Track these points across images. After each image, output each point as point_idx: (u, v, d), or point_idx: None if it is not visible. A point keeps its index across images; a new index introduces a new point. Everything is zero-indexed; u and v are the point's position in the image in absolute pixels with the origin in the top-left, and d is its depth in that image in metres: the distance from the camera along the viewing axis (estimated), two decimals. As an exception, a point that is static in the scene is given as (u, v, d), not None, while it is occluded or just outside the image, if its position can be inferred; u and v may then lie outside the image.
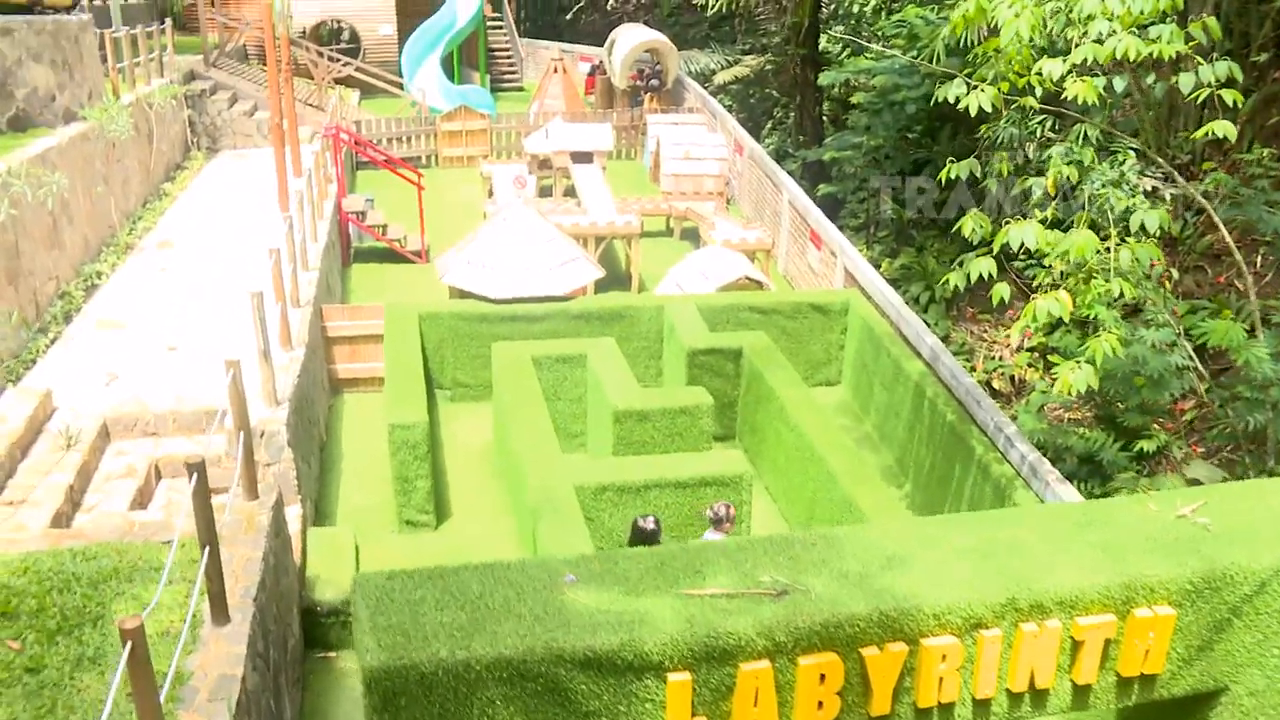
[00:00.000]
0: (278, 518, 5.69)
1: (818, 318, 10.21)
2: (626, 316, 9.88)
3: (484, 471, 8.74)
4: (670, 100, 18.75)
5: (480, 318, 9.62)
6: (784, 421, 8.23)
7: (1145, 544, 4.63)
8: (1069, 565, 4.53)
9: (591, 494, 6.97)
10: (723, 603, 4.23)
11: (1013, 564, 4.57)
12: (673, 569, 4.49)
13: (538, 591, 4.29)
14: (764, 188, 14.45)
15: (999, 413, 7.90)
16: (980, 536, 4.82)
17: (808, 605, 4.22)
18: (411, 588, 4.28)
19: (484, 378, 9.80)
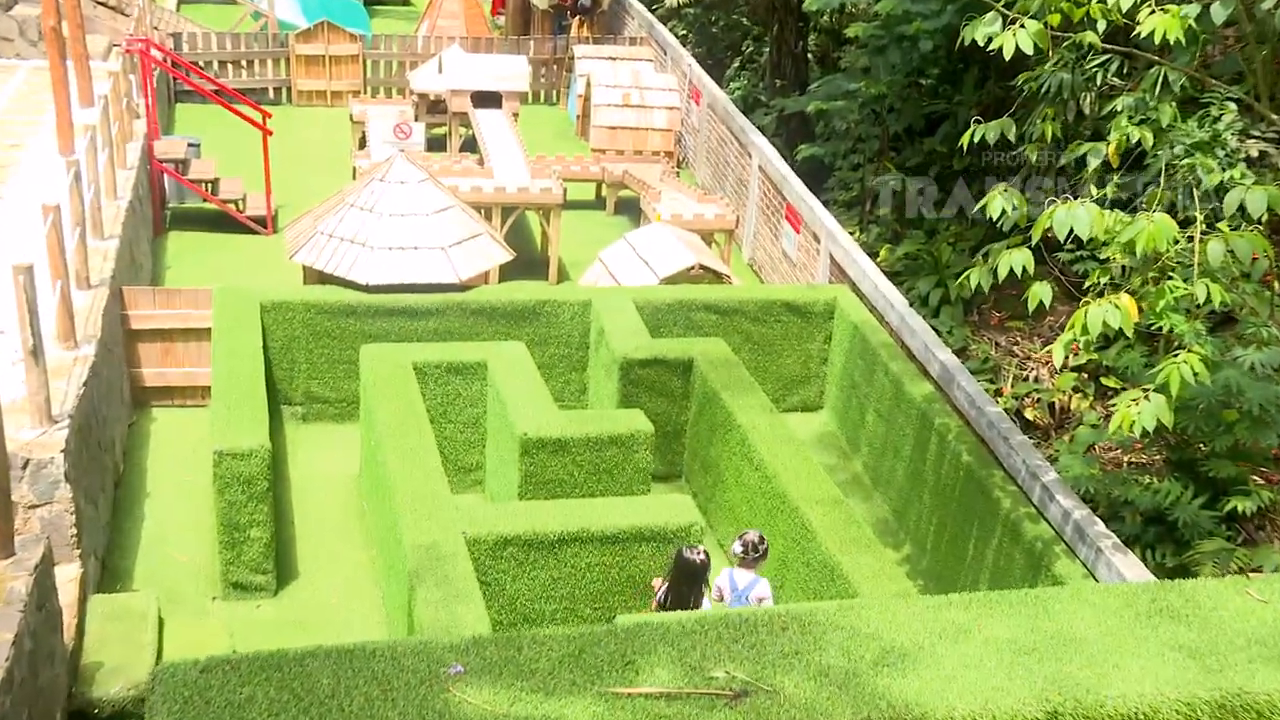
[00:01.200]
0: (43, 582, 5.42)
1: (794, 321, 10.31)
2: (542, 314, 9.94)
3: (345, 518, 8.67)
4: (606, 27, 18.53)
5: (345, 310, 9.57)
6: (746, 458, 8.25)
7: (1247, 647, 4.52)
8: (1136, 672, 4.45)
9: (489, 550, 6.91)
10: (661, 706, 4.16)
11: (1056, 666, 4.54)
12: (596, 658, 4.43)
13: (412, 688, 4.19)
14: (727, 148, 14.53)
15: (1033, 453, 7.88)
16: (1011, 623, 4.83)
17: (774, 713, 4.12)
18: (235, 683, 4.10)
19: (348, 391, 9.77)
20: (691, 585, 6.41)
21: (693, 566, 6.39)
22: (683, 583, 6.40)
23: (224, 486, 7.50)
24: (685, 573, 6.39)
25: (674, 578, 6.45)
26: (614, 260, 11.15)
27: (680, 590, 6.40)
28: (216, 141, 14.48)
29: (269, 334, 9.47)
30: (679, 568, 6.42)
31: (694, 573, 6.40)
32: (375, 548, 8.17)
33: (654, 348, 9.23)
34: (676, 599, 6.43)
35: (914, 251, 11.18)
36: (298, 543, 8.31)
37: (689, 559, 6.41)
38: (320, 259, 9.78)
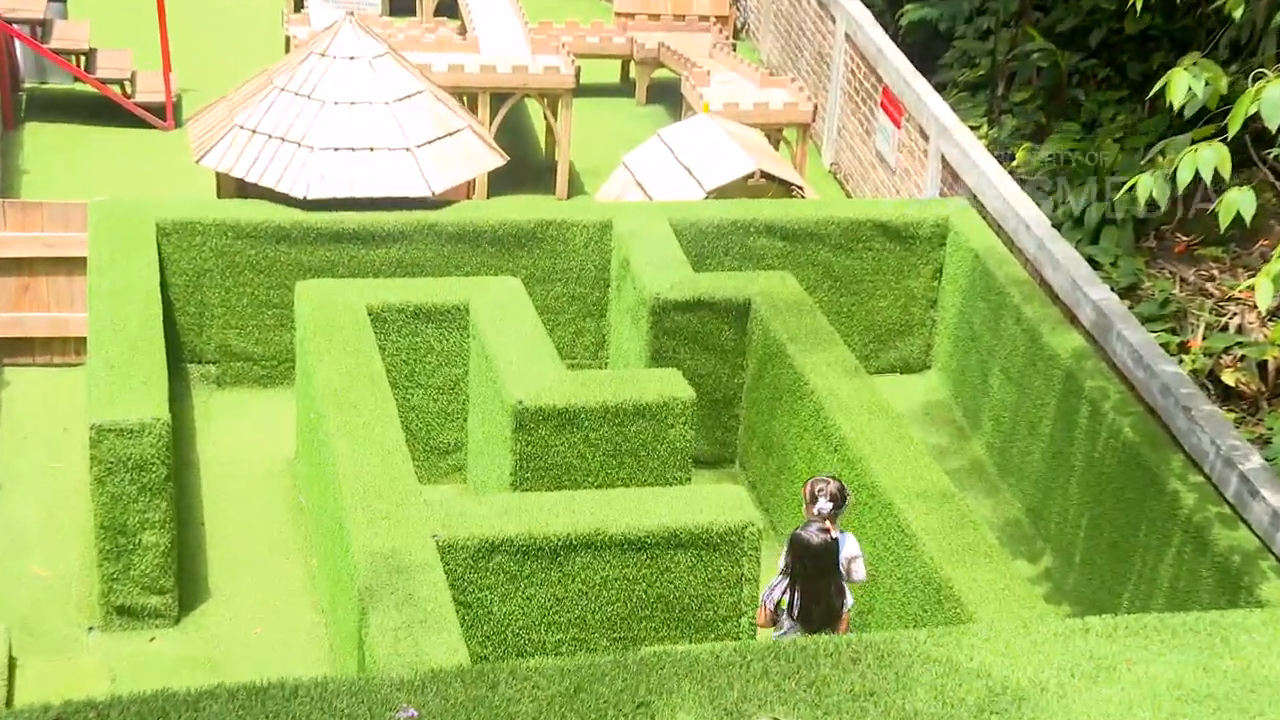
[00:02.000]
0: None
1: (891, 249, 10.31)
2: (545, 240, 9.97)
3: (274, 517, 8.73)
4: None
5: (275, 234, 9.63)
6: (822, 436, 8.27)
7: None
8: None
9: (471, 560, 6.95)
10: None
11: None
12: (598, 698, 4.49)
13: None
14: (801, 9, 14.43)
15: (1227, 429, 7.84)
16: (1176, 659, 4.84)
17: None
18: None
19: (280, 344, 9.82)
20: (823, 574, 6.65)
21: (815, 549, 6.61)
22: (809, 575, 6.65)
23: (105, 475, 7.54)
24: (809, 559, 6.61)
25: (795, 570, 6.66)
26: (645, 166, 11.15)
27: (811, 586, 6.65)
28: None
29: (169, 266, 9.52)
30: (798, 555, 6.63)
31: (819, 556, 6.62)
32: (315, 557, 8.23)
33: (698, 285, 9.24)
34: (808, 598, 6.69)
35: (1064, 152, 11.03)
36: (209, 551, 8.37)
37: (805, 540, 6.62)
38: (240, 163, 9.82)
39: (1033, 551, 8.84)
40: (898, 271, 10.30)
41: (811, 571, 6.70)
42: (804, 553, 6.69)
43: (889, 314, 10.42)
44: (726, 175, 10.70)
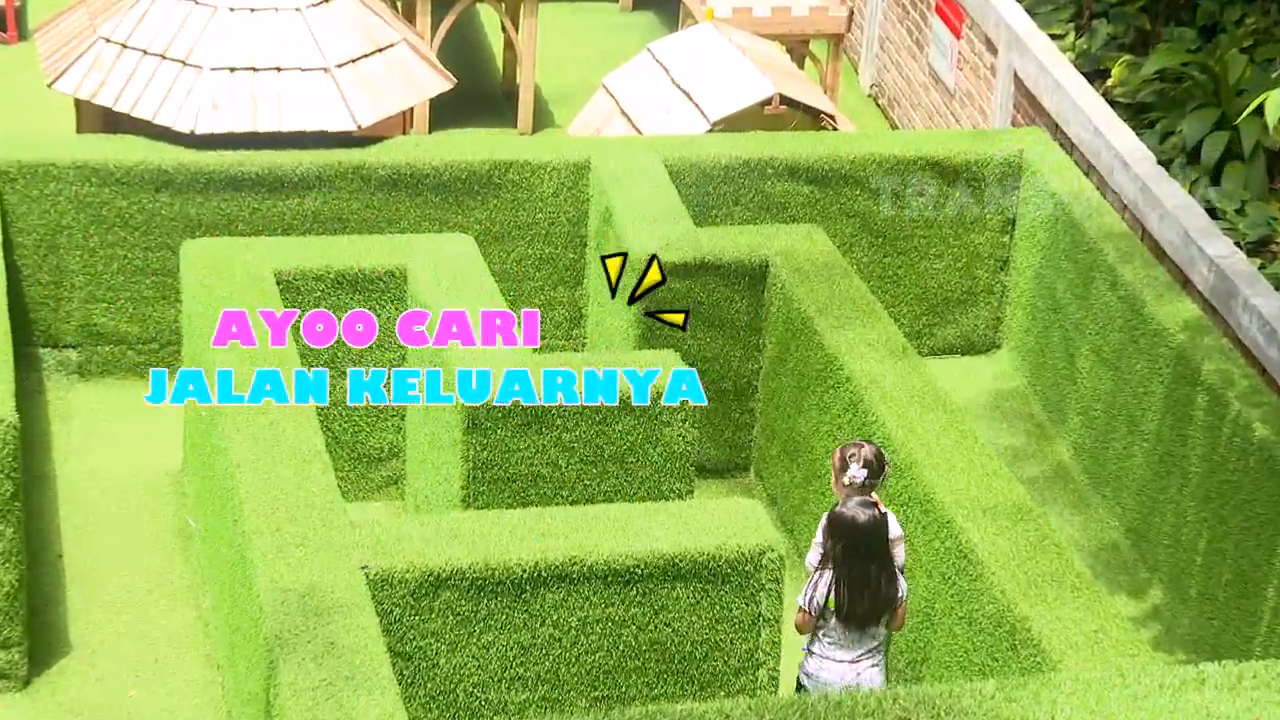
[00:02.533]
0: None
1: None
2: (504, 186, 9.99)
3: (155, 546, 8.69)
4: None
5: (154, 180, 9.62)
6: (862, 434, 8.24)
7: None
8: None
9: (411, 597, 6.93)
10: None
11: None
12: None
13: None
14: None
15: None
16: None
17: None
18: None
19: (161, 322, 9.83)
20: (871, 558, 6.82)
21: (863, 529, 6.79)
22: (855, 561, 6.80)
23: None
24: (855, 541, 6.78)
25: (838, 557, 6.82)
26: (631, 90, 11.11)
27: (858, 574, 6.80)
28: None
29: (14, 222, 9.50)
30: (841, 538, 6.81)
31: (868, 537, 6.80)
32: (208, 596, 8.19)
33: (700, 243, 9.24)
34: (853, 590, 6.82)
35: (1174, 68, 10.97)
36: (69, 591, 8.34)
37: (849, 518, 6.80)
38: (106, 88, 9.76)
39: (1134, 583, 8.81)
40: (958, 224, 10.30)
41: (858, 557, 6.82)
42: (849, 534, 6.80)
43: (947, 278, 10.42)
44: (737, 102, 10.68)
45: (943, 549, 7.56)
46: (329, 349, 8.84)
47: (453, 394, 7.92)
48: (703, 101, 10.71)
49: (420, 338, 8.23)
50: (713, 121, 10.54)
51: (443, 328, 8.15)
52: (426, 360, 8.38)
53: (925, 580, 7.66)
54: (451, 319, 8.17)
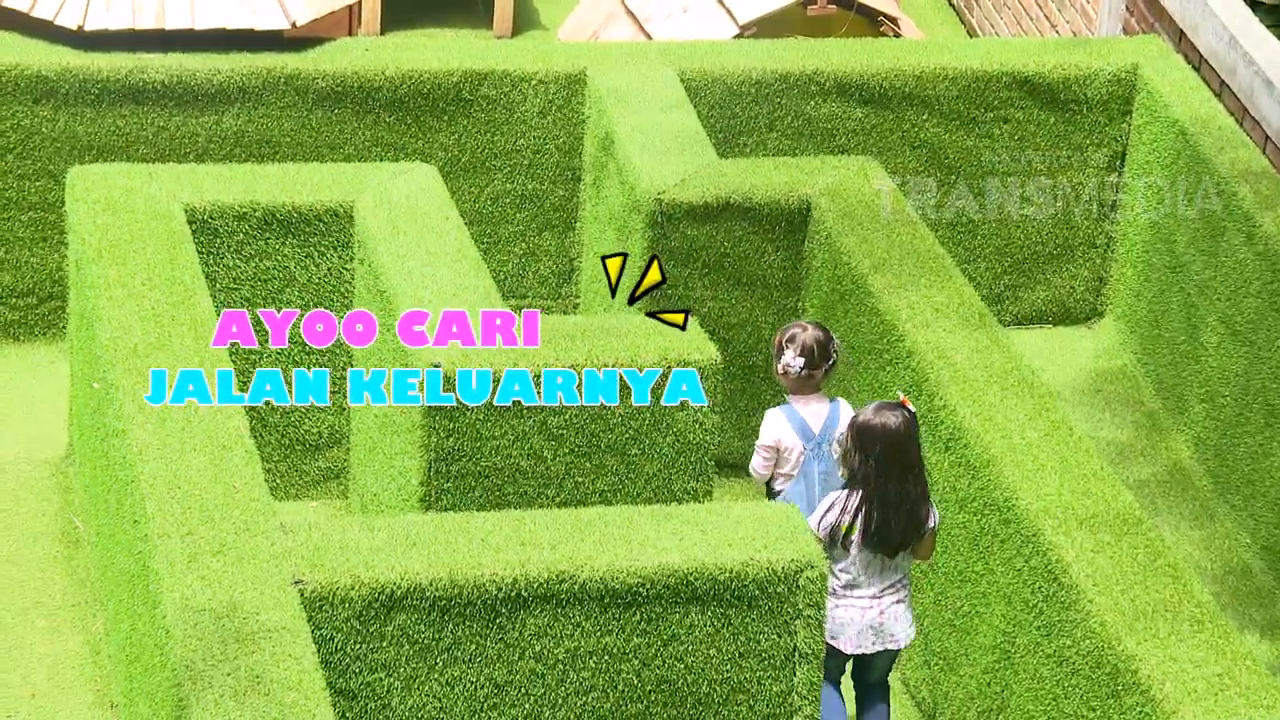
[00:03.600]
0: None
1: (1041, 119, 10.40)
2: (475, 104, 10.07)
3: (33, 551, 8.73)
4: None
5: (32, 89, 9.68)
6: (926, 422, 8.30)
7: None
8: None
9: (356, 620, 6.97)
10: None
11: None
12: None
13: None
14: None
15: None
16: None
17: None
18: None
19: (41, 271, 9.94)
20: (906, 471, 7.34)
21: (896, 437, 7.31)
22: (889, 475, 7.31)
23: None
24: (889, 453, 7.30)
25: (873, 471, 7.31)
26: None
27: (892, 491, 7.32)
28: None
29: None
30: (872, 448, 7.30)
31: (902, 446, 7.32)
32: (102, 617, 8.23)
33: (724, 179, 9.29)
34: (886, 509, 7.34)
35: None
36: (-71, 606, 8.38)
37: (879, 425, 7.31)
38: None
39: (1271, 617, 8.81)
40: (1051, 157, 10.34)
41: (893, 472, 7.31)
42: (880, 443, 7.29)
43: (1037, 228, 10.47)
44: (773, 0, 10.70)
45: (1027, 568, 7.56)
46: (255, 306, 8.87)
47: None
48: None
49: (420, 338, 8.19)
50: (742, 24, 10.54)
51: (442, 328, 8.13)
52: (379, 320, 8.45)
53: (1004, 608, 7.66)
54: (451, 319, 8.15)
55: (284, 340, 8.63)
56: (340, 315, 8.99)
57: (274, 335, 8.42)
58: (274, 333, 8.40)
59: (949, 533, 8.13)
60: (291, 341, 8.97)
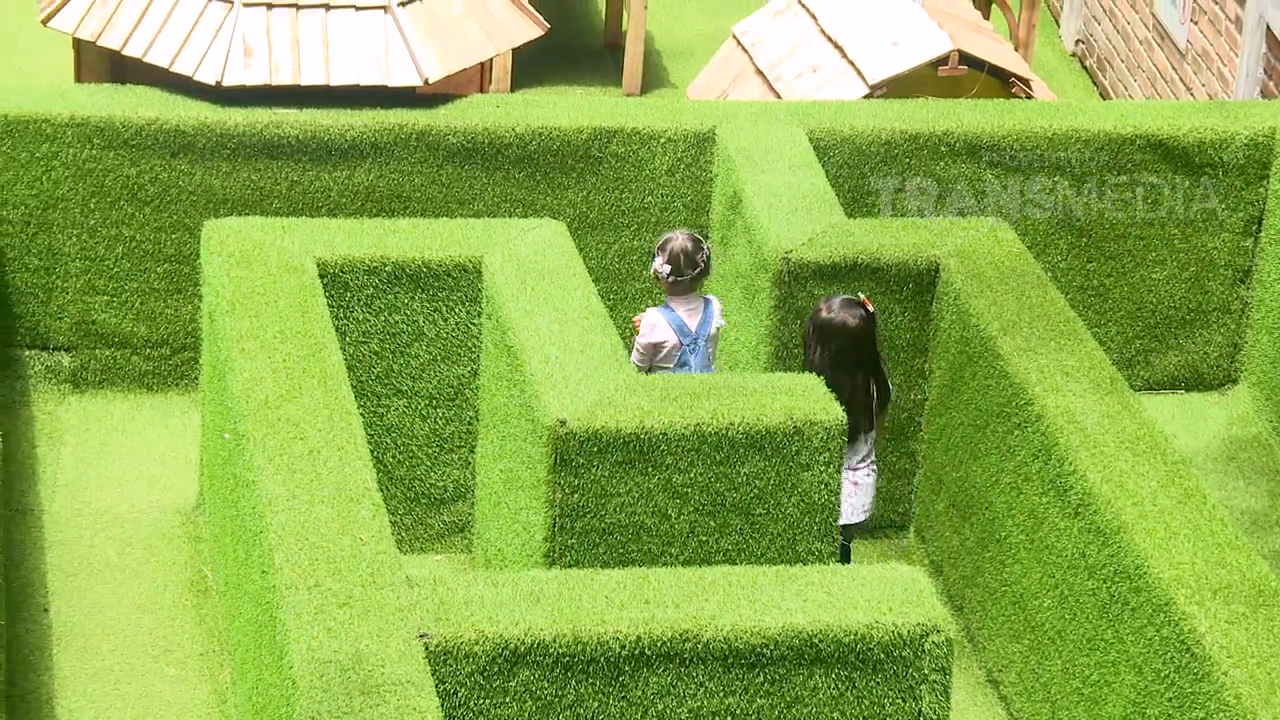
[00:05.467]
0: None
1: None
2: (604, 161, 10.11)
3: (162, 601, 8.78)
4: None
5: (170, 143, 9.76)
6: (1055, 488, 8.28)
7: None
8: None
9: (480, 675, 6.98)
10: None
11: None
12: None
13: None
14: None
15: None
16: None
17: None
18: None
19: (175, 321, 9.99)
20: (862, 364, 8.15)
21: (854, 333, 8.14)
22: (847, 366, 8.15)
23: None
24: (845, 347, 8.15)
25: (830, 362, 8.09)
26: (769, 43, 11.18)
27: (849, 380, 8.10)
28: None
29: (0, 191, 9.69)
30: (830, 342, 8.16)
31: (860, 342, 8.10)
32: (229, 667, 8.27)
33: (852, 239, 9.29)
34: (846, 394, 8.02)
35: None
36: (56, 655, 8.43)
37: (837, 323, 8.15)
38: (114, 28, 9.89)
39: None
40: (1186, 222, 10.28)
41: (848, 365, 8.09)
42: (838, 338, 8.07)
43: (1170, 292, 10.41)
44: (904, 60, 10.70)
45: (1158, 638, 7.47)
46: (385, 359, 8.95)
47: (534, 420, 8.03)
48: (860, 58, 10.70)
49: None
50: (872, 84, 10.53)
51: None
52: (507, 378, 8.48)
53: (1134, 678, 7.58)
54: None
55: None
56: (467, 370, 9.04)
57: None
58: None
59: (1077, 599, 8.08)
60: (417, 395, 9.05)
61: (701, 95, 11.26)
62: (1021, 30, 12.72)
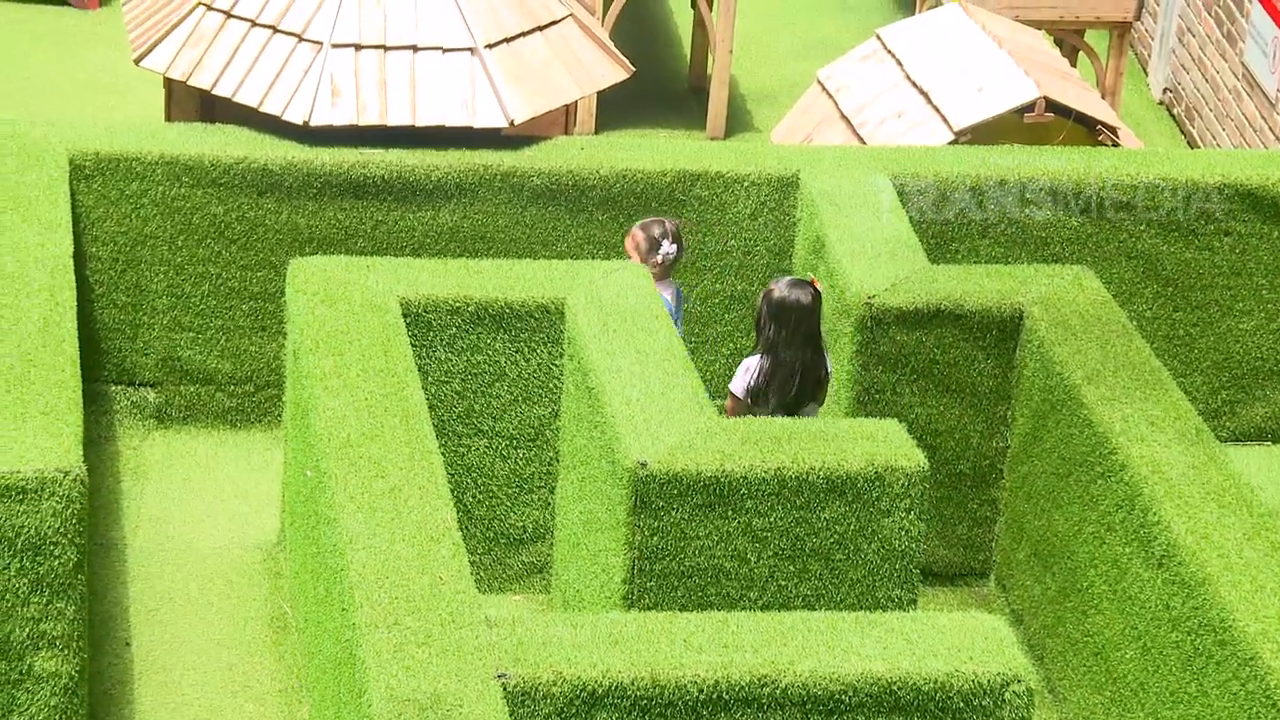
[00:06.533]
0: None
1: (1264, 235, 10.31)
2: (687, 204, 10.13)
3: (243, 636, 8.82)
4: None
5: (257, 182, 9.86)
6: (1139, 539, 8.24)
7: None
8: None
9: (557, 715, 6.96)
10: None
11: None
12: None
13: None
14: None
15: None
16: None
17: None
18: None
19: (259, 358, 10.07)
20: (810, 341, 8.58)
21: (806, 309, 8.53)
22: (796, 342, 8.55)
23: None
24: (796, 324, 8.54)
25: (781, 339, 8.53)
26: (854, 88, 11.18)
27: (797, 356, 8.59)
28: None
29: (89, 229, 9.75)
30: (782, 320, 8.53)
31: (809, 317, 8.55)
32: (308, 704, 8.30)
33: (936, 285, 9.30)
34: (791, 369, 8.58)
35: None
36: (138, 689, 8.47)
37: (793, 300, 8.51)
38: (204, 67, 9.98)
39: None
40: (1274, 271, 10.24)
41: (796, 341, 8.51)
42: (791, 315, 8.47)
43: (1257, 342, 10.36)
44: (990, 106, 10.68)
45: (1243, 693, 7.40)
46: (466, 398, 8.98)
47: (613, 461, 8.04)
48: (945, 104, 10.70)
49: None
50: (957, 130, 10.52)
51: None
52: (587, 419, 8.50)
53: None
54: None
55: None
56: (548, 411, 9.06)
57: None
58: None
59: (1160, 652, 8.02)
60: (498, 435, 9.07)
61: (785, 139, 11.25)
62: (1109, 78, 12.68)
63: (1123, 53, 12.77)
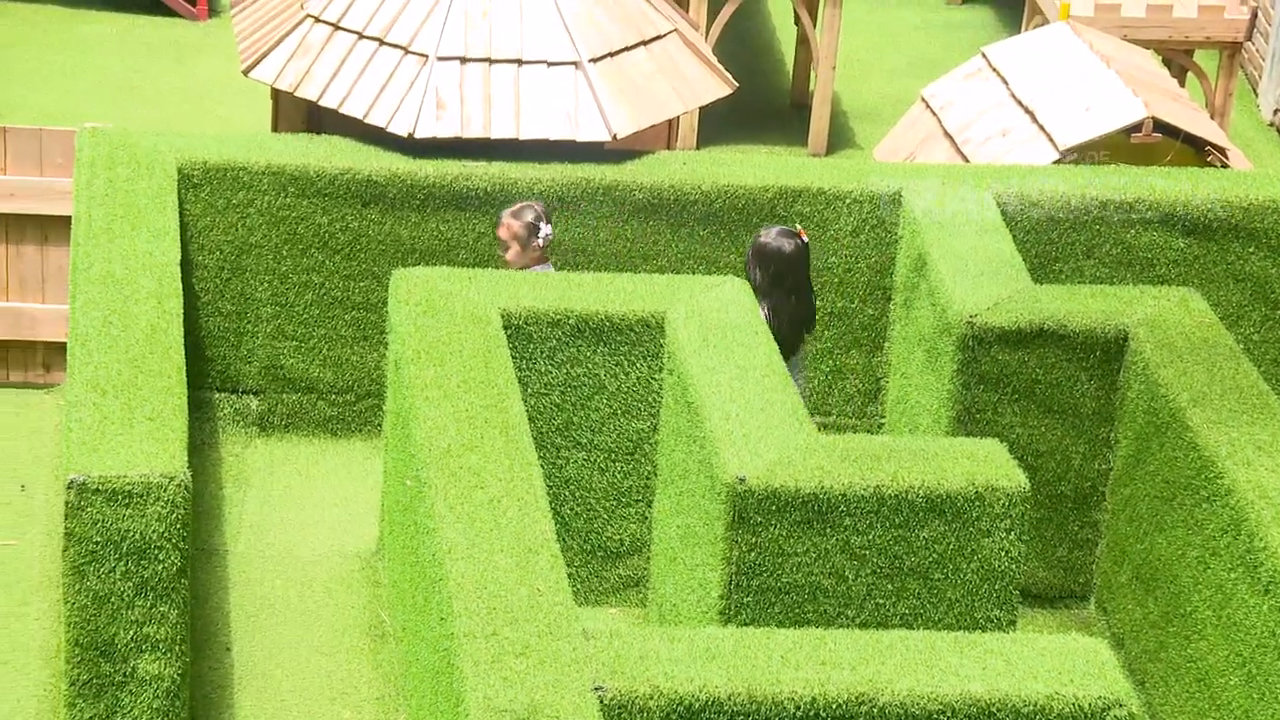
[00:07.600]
0: None
1: None
2: (788, 220, 10.06)
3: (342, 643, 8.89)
4: None
5: (362, 192, 9.94)
6: (1244, 563, 8.17)
7: None
8: None
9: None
10: None
11: None
12: None
13: None
14: None
15: None
16: None
17: None
18: None
19: (361, 368, 10.15)
20: (797, 287, 9.08)
21: (791, 258, 9.03)
22: (783, 288, 9.06)
23: (85, 563, 7.70)
24: (782, 271, 9.04)
25: (768, 284, 8.99)
26: (958, 106, 11.17)
27: (784, 301, 9.08)
28: None
29: (196, 237, 9.83)
30: (769, 266, 9.02)
31: (794, 266, 9.06)
32: (405, 712, 8.33)
33: (1039, 305, 9.27)
34: (782, 313, 9.06)
35: None
36: (238, 694, 8.53)
37: (775, 248, 9.02)
38: (311, 79, 10.07)
39: None
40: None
41: (784, 286, 9.01)
42: (774, 262, 8.98)
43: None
44: (1097, 126, 10.63)
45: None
46: (565, 410, 9.00)
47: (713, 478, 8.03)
48: (1051, 124, 10.66)
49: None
50: (1063, 149, 10.47)
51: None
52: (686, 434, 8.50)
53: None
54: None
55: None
56: (647, 425, 9.08)
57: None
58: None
59: (1266, 679, 7.95)
60: (597, 448, 9.09)
61: (888, 157, 11.24)
62: (1218, 98, 12.59)
63: (1233, 73, 12.69)
